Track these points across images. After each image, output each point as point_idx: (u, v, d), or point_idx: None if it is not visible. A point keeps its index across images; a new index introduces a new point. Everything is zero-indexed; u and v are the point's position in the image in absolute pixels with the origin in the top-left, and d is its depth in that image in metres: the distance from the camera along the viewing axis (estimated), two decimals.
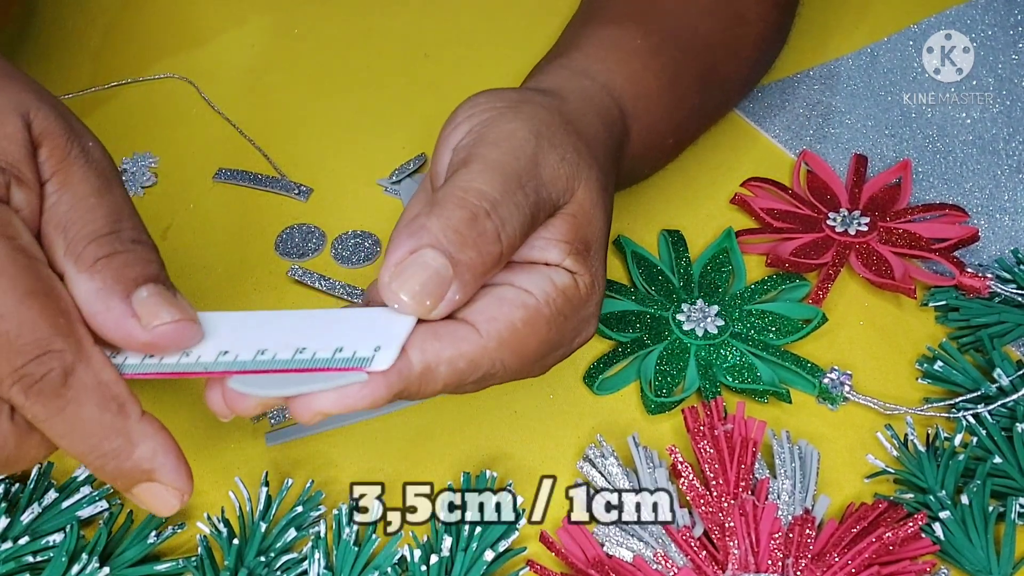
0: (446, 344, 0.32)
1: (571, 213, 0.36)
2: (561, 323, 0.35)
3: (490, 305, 0.34)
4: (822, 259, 0.47)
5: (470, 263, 0.32)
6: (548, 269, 0.35)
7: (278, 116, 0.57)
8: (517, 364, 0.34)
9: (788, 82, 0.57)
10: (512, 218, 0.33)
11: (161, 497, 0.32)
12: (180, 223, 0.51)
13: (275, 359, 0.31)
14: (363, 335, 0.32)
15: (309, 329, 0.32)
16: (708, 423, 0.40)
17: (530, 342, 0.34)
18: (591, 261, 0.36)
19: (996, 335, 0.43)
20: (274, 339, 0.32)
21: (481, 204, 0.33)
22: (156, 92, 0.59)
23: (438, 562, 0.36)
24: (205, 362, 0.32)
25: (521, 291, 0.34)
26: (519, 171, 0.34)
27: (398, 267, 0.32)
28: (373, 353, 0.31)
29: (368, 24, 0.63)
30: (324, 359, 0.31)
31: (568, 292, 0.35)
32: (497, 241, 0.33)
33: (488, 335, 0.33)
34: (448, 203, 0.33)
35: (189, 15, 0.64)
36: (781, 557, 0.36)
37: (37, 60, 0.61)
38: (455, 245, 0.32)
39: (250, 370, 0.31)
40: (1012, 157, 0.52)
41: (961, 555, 0.37)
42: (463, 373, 0.33)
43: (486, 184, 0.33)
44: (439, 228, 0.32)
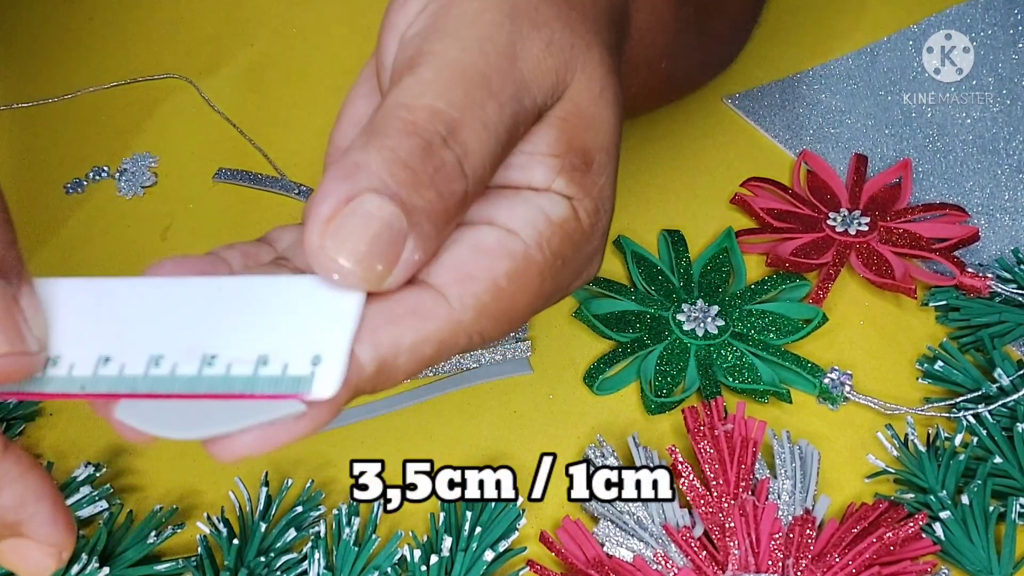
0: (406, 327, 0.24)
1: (561, 116, 0.27)
2: (559, 269, 0.27)
3: (462, 258, 0.25)
4: (822, 259, 0.47)
5: (428, 208, 0.24)
6: (537, 196, 0.27)
7: (278, 116, 0.57)
8: (499, 332, 0.26)
9: (788, 82, 0.57)
10: (479, 142, 0.25)
11: (31, 557, 0.25)
12: (180, 223, 0.51)
13: (175, 374, 0.23)
14: (293, 329, 0.24)
15: (216, 316, 0.24)
16: (708, 423, 0.40)
17: (518, 302, 0.26)
18: (592, 178, 0.27)
19: (997, 335, 0.43)
20: (171, 335, 0.24)
21: (435, 128, 0.24)
22: (156, 92, 0.59)
23: (438, 562, 0.36)
24: (80, 376, 0.23)
25: (503, 232, 0.26)
26: (487, 73, 0.25)
27: (331, 222, 0.23)
28: (311, 369, 0.23)
29: (368, 24, 0.63)
30: (243, 378, 0.23)
31: (567, 227, 0.27)
32: (461, 176, 0.24)
33: (462, 304, 0.25)
34: (391, 128, 0.24)
35: (189, 15, 0.64)
36: (781, 557, 0.36)
37: (37, 60, 0.61)
38: (406, 186, 0.23)
39: (143, 393, 0.23)
40: (1012, 157, 0.52)
41: (962, 555, 0.36)
42: (430, 359, 0.25)
43: (440, 98, 0.25)
44: (381, 164, 0.23)
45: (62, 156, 0.55)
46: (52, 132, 0.57)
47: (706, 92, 0.55)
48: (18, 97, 0.58)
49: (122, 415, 0.23)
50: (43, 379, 0.24)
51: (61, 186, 0.53)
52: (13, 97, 0.59)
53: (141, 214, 0.52)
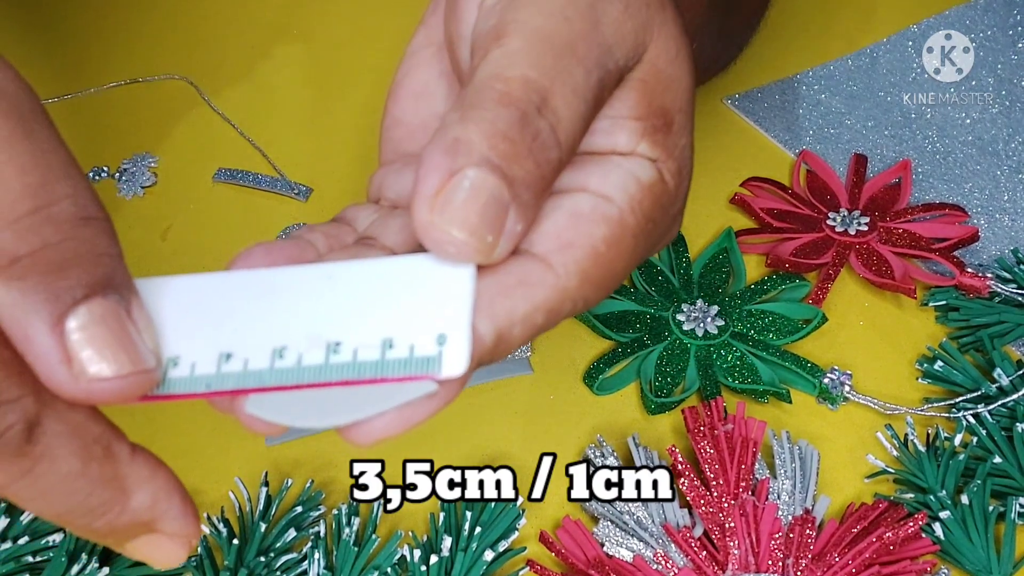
0: (518, 298, 0.24)
1: (641, 78, 0.27)
2: (650, 231, 0.27)
3: (561, 226, 0.26)
4: (822, 259, 0.47)
5: (527, 179, 0.24)
6: (626, 161, 0.27)
7: (278, 116, 0.57)
8: (599, 295, 0.26)
9: (788, 82, 0.57)
10: (570, 108, 0.25)
11: (165, 549, 0.25)
12: (180, 223, 0.51)
13: (302, 365, 0.23)
14: (411, 310, 0.23)
15: (332, 304, 0.24)
16: (708, 423, 0.40)
17: (615, 265, 0.26)
18: (674, 139, 0.28)
19: (996, 335, 0.43)
20: (289, 325, 0.23)
21: (530, 98, 0.24)
22: (156, 92, 0.59)
23: (438, 562, 0.36)
24: (205, 375, 0.23)
25: (598, 198, 0.26)
26: (572, 39, 0.25)
27: (439, 197, 0.23)
28: (439, 349, 0.23)
29: (368, 24, 0.63)
30: (372, 362, 0.23)
31: (655, 189, 0.27)
32: (556, 144, 0.25)
33: (567, 271, 0.25)
34: (487, 101, 0.24)
35: (189, 15, 0.64)
36: (781, 557, 0.36)
37: (37, 60, 0.61)
38: (507, 158, 0.24)
39: (272, 386, 0.23)
40: (1012, 157, 0.52)
41: (961, 555, 0.37)
42: (541, 327, 0.25)
43: (532, 67, 0.25)
44: (481, 137, 0.24)
45: None
46: None
47: (706, 93, 0.55)
48: None
49: (253, 409, 0.23)
50: (166, 382, 0.23)
51: None
52: None
53: (141, 214, 0.52)
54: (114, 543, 0.25)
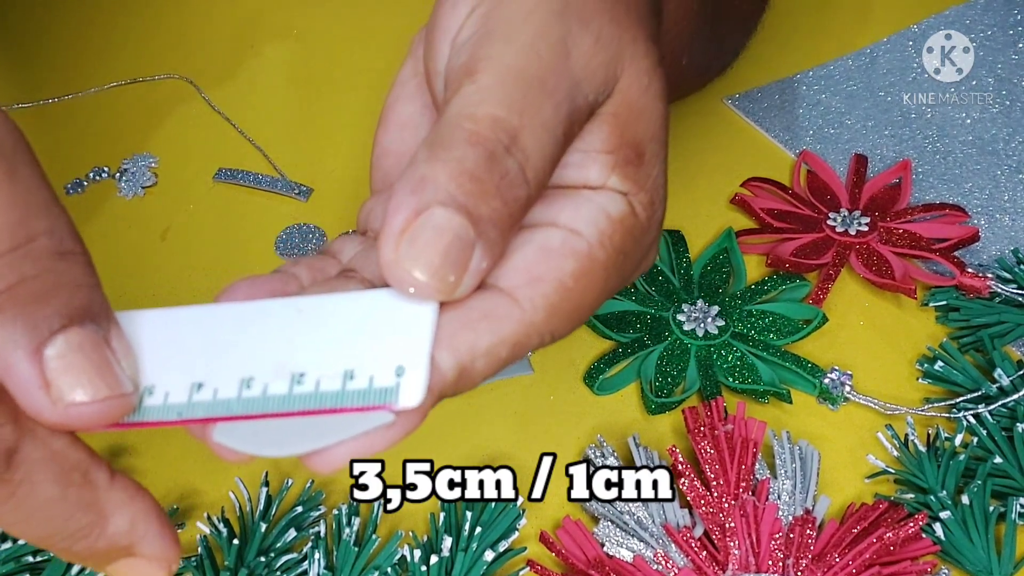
0: (482, 331, 0.25)
1: (612, 111, 0.27)
2: (621, 264, 0.27)
3: (530, 260, 0.26)
4: (822, 259, 0.47)
5: (494, 217, 0.24)
6: (597, 195, 0.27)
7: (278, 116, 0.57)
8: (568, 328, 0.27)
9: (788, 82, 0.57)
10: (539, 146, 0.25)
11: (145, 572, 0.25)
12: (180, 223, 0.51)
13: (267, 394, 0.24)
14: (374, 342, 0.24)
15: (299, 335, 0.25)
16: (708, 423, 0.40)
17: (585, 298, 0.26)
18: (645, 170, 0.28)
19: (996, 335, 0.43)
20: (258, 356, 0.25)
21: (498, 137, 0.24)
22: (156, 92, 0.59)
23: (438, 562, 0.36)
24: (176, 404, 0.24)
25: (567, 233, 0.26)
26: (542, 74, 0.25)
27: (404, 236, 0.24)
28: (396, 380, 0.24)
29: (368, 24, 0.63)
30: (332, 393, 0.24)
31: (626, 223, 0.27)
32: (523, 182, 0.25)
33: (533, 305, 0.25)
34: (455, 140, 0.24)
35: (189, 15, 0.64)
36: (782, 558, 0.36)
37: (37, 60, 0.61)
38: (473, 197, 0.24)
39: (238, 415, 0.24)
40: (1012, 157, 0.52)
41: (962, 555, 0.36)
42: (505, 361, 0.26)
43: (501, 104, 0.25)
44: (448, 176, 0.24)
45: (62, 156, 0.55)
46: (52, 132, 0.57)
47: (706, 93, 0.55)
48: (18, 97, 0.58)
49: (220, 438, 0.24)
50: (141, 410, 0.24)
51: (61, 186, 0.53)
52: (13, 97, 0.59)
53: (141, 214, 0.52)
54: (95, 566, 0.25)
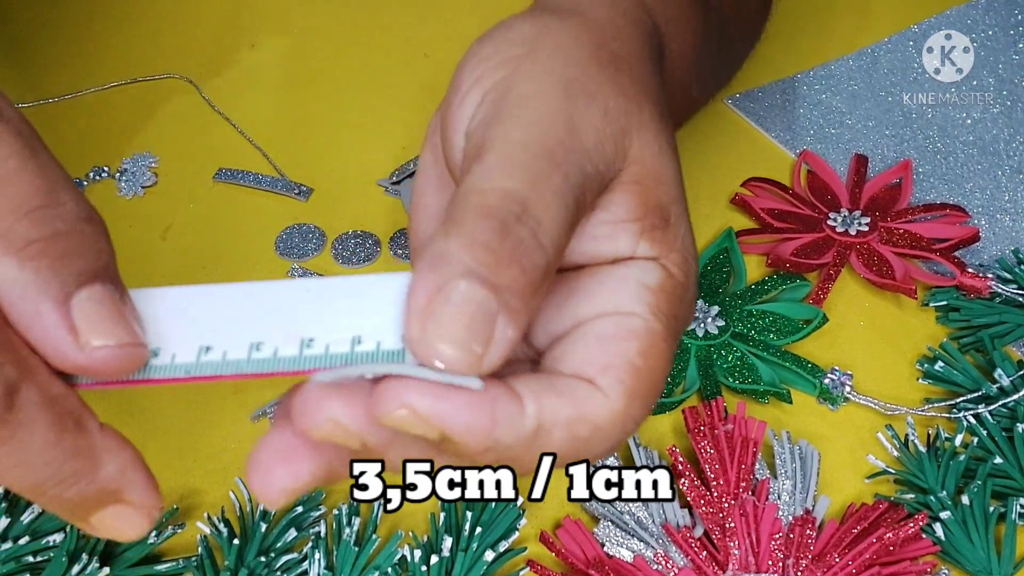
0: (565, 401, 0.25)
1: (633, 179, 0.28)
2: (676, 328, 0.28)
3: (594, 351, 0.26)
4: (822, 259, 0.47)
5: (514, 286, 0.24)
6: (629, 271, 0.27)
7: (278, 116, 0.57)
8: (649, 407, 0.27)
9: (788, 82, 0.57)
10: (551, 213, 0.25)
11: (129, 520, 0.26)
12: (180, 223, 0.51)
13: (278, 356, 0.25)
14: (381, 316, 0.25)
15: (307, 310, 0.26)
16: (708, 423, 0.40)
17: (656, 373, 0.26)
18: (672, 232, 0.28)
19: (997, 335, 0.43)
20: (266, 326, 0.25)
21: (508, 207, 0.25)
22: (156, 92, 0.59)
23: (438, 562, 0.36)
24: (184, 363, 0.25)
25: (621, 317, 0.27)
26: (551, 148, 0.26)
27: (426, 312, 0.24)
28: (402, 345, 0.25)
29: (368, 24, 0.63)
30: (342, 354, 0.25)
31: (667, 287, 0.27)
32: (539, 248, 0.25)
33: (612, 392, 0.25)
34: (467, 214, 0.25)
35: (189, 15, 0.64)
36: (782, 558, 0.36)
37: (37, 60, 0.61)
38: (490, 267, 0.24)
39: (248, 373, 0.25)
40: (1013, 157, 0.52)
41: (962, 555, 0.36)
42: (583, 443, 0.26)
43: (509, 178, 0.25)
44: (464, 250, 0.24)
45: (62, 156, 0.54)
46: (52, 132, 0.56)
47: None
48: (18, 97, 0.58)
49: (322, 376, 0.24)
50: (149, 368, 0.25)
51: None
52: (13, 97, 0.58)
53: (141, 214, 0.52)
54: (81, 515, 0.26)
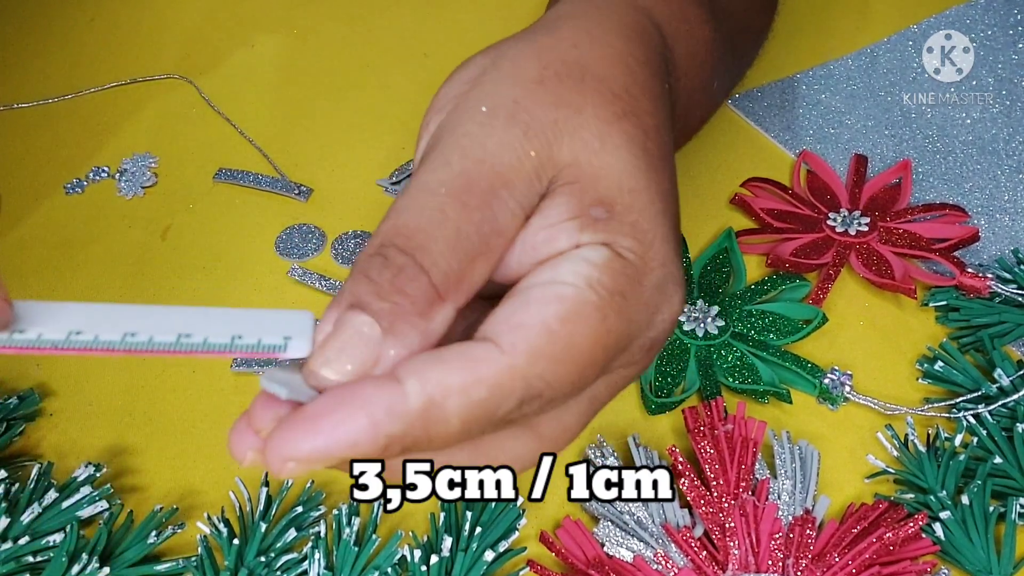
0: (454, 368, 0.26)
1: (567, 181, 0.29)
2: (621, 304, 0.28)
3: (512, 310, 0.27)
4: (822, 259, 0.47)
5: (395, 310, 0.26)
6: (576, 251, 0.28)
7: (278, 116, 0.57)
8: (565, 375, 0.27)
9: (788, 82, 0.57)
10: (438, 240, 0.27)
11: None
12: (180, 223, 0.51)
13: (153, 340, 0.26)
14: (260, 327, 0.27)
15: (187, 320, 0.27)
16: (708, 423, 0.40)
17: (580, 342, 0.27)
18: (619, 220, 0.29)
19: (996, 335, 0.43)
20: (144, 323, 0.27)
21: (391, 241, 0.27)
22: (156, 92, 0.59)
23: (438, 562, 0.36)
24: (52, 339, 0.26)
25: (553, 284, 0.27)
26: (452, 180, 0.28)
27: (324, 343, 0.27)
28: (284, 341, 0.27)
29: (368, 24, 0.63)
30: (221, 344, 0.26)
31: (613, 266, 0.28)
32: (420, 272, 0.27)
33: (514, 349, 0.26)
34: (361, 257, 0.28)
35: (189, 15, 0.64)
36: (781, 557, 0.36)
37: (37, 60, 0.61)
38: (372, 296, 0.26)
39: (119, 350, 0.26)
40: (1012, 157, 0.52)
41: (961, 555, 0.37)
42: (486, 404, 0.26)
43: (400, 215, 0.28)
44: (351, 284, 0.27)
45: (62, 156, 0.55)
46: (52, 132, 0.57)
47: None
48: (18, 97, 0.58)
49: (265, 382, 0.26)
50: (9, 339, 0.26)
51: (61, 186, 0.53)
52: (13, 97, 0.59)
53: (141, 214, 0.52)
54: None
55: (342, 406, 0.25)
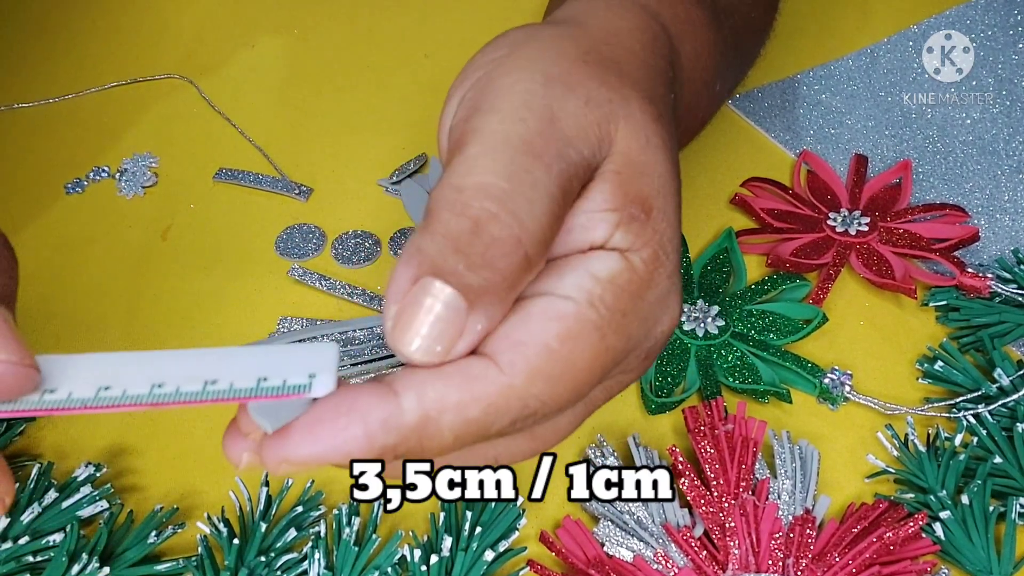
0: (452, 385, 0.25)
1: (614, 169, 0.28)
2: (620, 323, 0.27)
3: (511, 326, 0.26)
4: (822, 259, 0.47)
5: (485, 286, 0.25)
6: (585, 259, 0.27)
7: (278, 116, 0.57)
8: (562, 394, 0.26)
9: (788, 82, 0.57)
10: (533, 206, 0.26)
11: None
12: (180, 223, 0.51)
13: (180, 391, 0.25)
14: (283, 364, 0.26)
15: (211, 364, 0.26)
16: (708, 423, 0.40)
17: (578, 362, 0.26)
18: (652, 225, 0.28)
19: (996, 335, 0.43)
20: (170, 373, 0.26)
21: (483, 205, 0.25)
22: (156, 92, 0.59)
23: (438, 562, 0.36)
24: (81, 398, 0.25)
25: (553, 298, 0.27)
26: (529, 138, 0.26)
27: (400, 308, 0.25)
28: (308, 379, 0.25)
29: (368, 24, 0.63)
30: (247, 389, 0.25)
31: (619, 281, 0.27)
32: (518, 246, 0.25)
33: (512, 369, 0.25)
34: (442, 211, 0.26)
35: (190, 16, 0.64)
36: (782, 557, 0.36)
37: (37, 60, 0.61)
38: (460, 267, 0.25)
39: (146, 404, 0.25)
40: (1012, 157, 0.52)
41: (962, 555, 0.36)
42: (480, 422, 0.26)
43: (486, 172, 0.26)
44: (436, 248, 0.25)
45: (62, 156, 0.55)
46: (52, 132, 0.57)
47: None
48: (18, 97, 0.58)
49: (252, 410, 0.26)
50: (41, 400, 0.25)
51: (61, 186, 0.53)
52: (13, 97, 0.59)
53: (141, 214, 0.52)
54: None
55: (340, 416, 0.25)
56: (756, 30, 0.50)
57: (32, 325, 0.46)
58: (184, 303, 0.47)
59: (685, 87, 0.36)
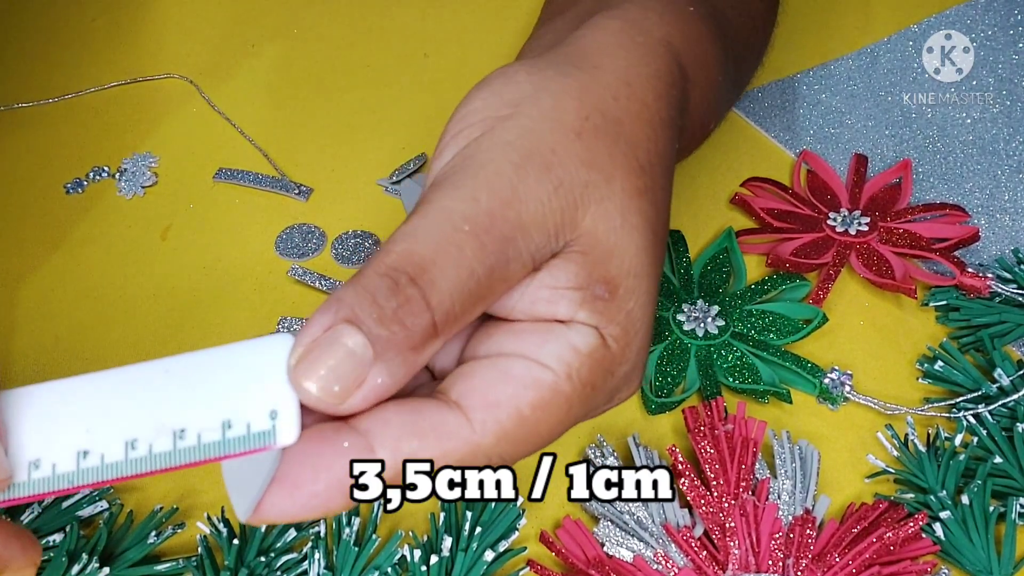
0: (428, 443, 0.27)
1: (579, 250, 0.29)
2: (588, 396, 0.29)
3: (490, 383, 0.28)
4: (822, 259, 0.47)
5: (393, 339, 0.26)
6: (566, 330, 0.28)
7: (278, 116, 0.57)
8: (520, 454, 0.28)
9: (788, 82, 0.57)
10: (449, 279, 0.27)
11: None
12: (180, 223, 0.51)
13: (153, 452, 0.26)
14: (244, 391, 0.26)
15: (173, 394, 0.27)
16: (708, 423, 0.40)
17: (541, 428, 0.28)
18: (618, 305, 0.29)
19: (997, 335, 0.43)
20: (137, 418, 0.26)
21: (403, 268, 0.27)
22: (156, 92, 0.59)
23: (438, 562, 0.36)
24: (66, 473, 0.26)
25: (533, 364, 0.28)
26: (475, 216, 0.28)
27: (308, 348, 0.26)
28: (271, 423, 0.26)
29: (368, 24, 0.63)
30: (214, 443, 0.26)
31: (595, 355, 0.28)
32: (425, 309, 0.27)
33: (484, 429, 0.27)
34: (369, 268, 0.27)
35: (190, 16, 0.64)
36: (782, 557, 0.36)
37: (37, 60, 0.61)
38: (372, 320, 0.26)
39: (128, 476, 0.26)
40: (1012, 157, 0.52)
41: (962, 555, 0.37)
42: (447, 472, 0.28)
43: (417, 241, 0.27)
44: (354, 298, 0.26)
45: (62, 156, 0.55)
46: (52, 132, 0.57)
47: None
48: (18, 97, 0.58)
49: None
50: (32, 483, 0.26)
51: (61, 186, 0.53)
52: (13, 97, 0.59)
53: (141, 214, 0.52)
54: None
55: (319, 475, 0.26)
56: (755, 50, 0.51)
57: (32, 325, 0.46)
58: (184, 303, 0.47)
59: (691, 117, 0.37)
